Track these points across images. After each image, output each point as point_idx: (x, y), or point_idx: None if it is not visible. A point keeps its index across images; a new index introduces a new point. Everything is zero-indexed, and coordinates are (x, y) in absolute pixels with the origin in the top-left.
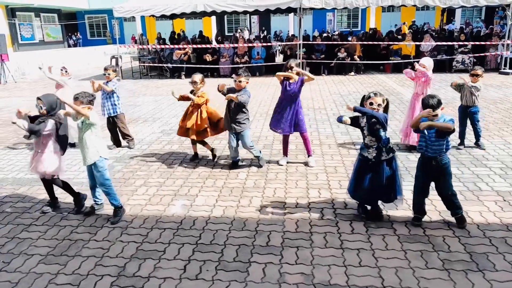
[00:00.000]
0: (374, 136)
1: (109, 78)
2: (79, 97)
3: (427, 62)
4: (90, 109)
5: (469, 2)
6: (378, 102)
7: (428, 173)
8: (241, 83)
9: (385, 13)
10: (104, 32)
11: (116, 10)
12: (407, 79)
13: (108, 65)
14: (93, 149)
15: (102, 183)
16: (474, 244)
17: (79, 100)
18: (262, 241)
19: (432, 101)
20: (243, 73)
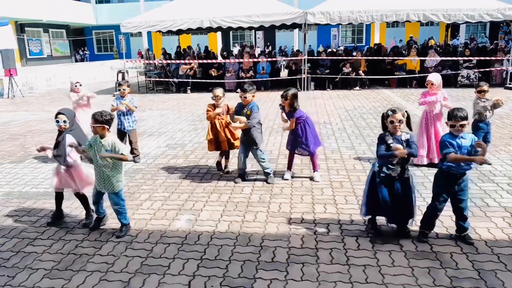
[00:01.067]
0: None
1: (124, 93)
2: (95, 115)
3: (435, 78)
4: (106, 130)
5: (474, 18)
6: (398, 119)
7: (453, 189)
8: (246, 98)
9: (389, 29)
10: (111, 47)
11: (123, 26)
12: (412, 93)
13: (122, 81)
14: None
15: (117, 203)
16: (482, 261)
17: (95, 118)
18: (267, 257)
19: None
20: (248, 88)
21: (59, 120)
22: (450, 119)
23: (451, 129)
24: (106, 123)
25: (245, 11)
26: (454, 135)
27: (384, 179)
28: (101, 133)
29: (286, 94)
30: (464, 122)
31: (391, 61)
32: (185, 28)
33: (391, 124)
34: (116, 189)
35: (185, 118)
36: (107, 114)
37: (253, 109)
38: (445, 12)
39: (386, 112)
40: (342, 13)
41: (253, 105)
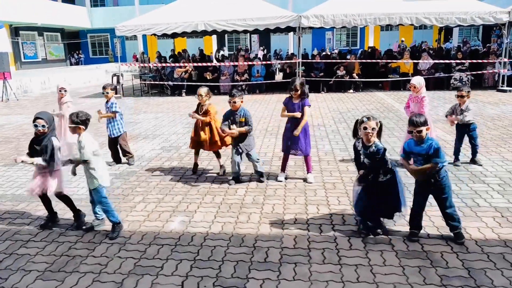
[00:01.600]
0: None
1: (108, 97)
2: (72, 116)
3: (416, 80)
4: (81, 130)
5: (466, 21)
6: (372, 126)
7: (427, 188)
8: (235, 103)
9: (383, 32)
10: (106, 51)
11: (118, 29)
12: (406, 96)
13: (106, 84)
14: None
15: (100, 201)
16: (472, 260)
17: (71, 118)
18: (260, 257)
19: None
20: (236, 93)
21: (38, 125)
22: (409, 125)
23: (409, 134)
24: (82, 123)
25: (240, 15)
26: (414, 141)
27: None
28: (77, 133)
29: (295, 85)
30: (421, 128)
31: (384, 64)
32: (180, 32)
33: (364, 130)
34: (93, 186)
35: (180, 121)
36: (83, 115)
37: (247, 115)
38: (437, 16)
39: (361, 118)
40: (336, 16)
41: (245, 111)
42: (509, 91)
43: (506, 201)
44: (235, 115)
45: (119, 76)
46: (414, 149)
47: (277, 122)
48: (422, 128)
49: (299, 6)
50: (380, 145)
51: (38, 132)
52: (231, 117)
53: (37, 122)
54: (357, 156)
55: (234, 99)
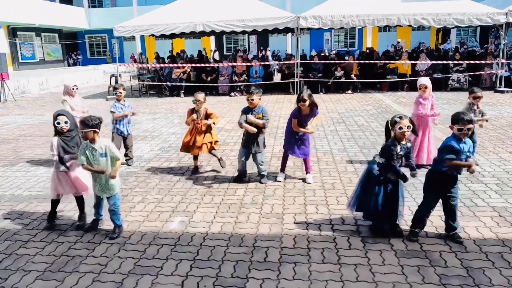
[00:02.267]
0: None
1: (121, 97)
2: (85, 121)
3: (428, 81)
4: (96, 133)
5: (463, 22)
6: (407, 125)
7: (448, 188)
8: (253, 100)
9: (381, 33)
10: (104, 52)
11: (116, 30)
12: (403, 96)
13: (117, 84)
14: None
15: (114, 203)
16: (471, 259)
17: (84, 123)
18: (260, 257)
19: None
20: (255, 91)
21: (60, 122)
22: (456, 123)
23: (458, 132)
24: (96, 127)
25: (238, 15)
26: (459, 139)
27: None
28: (92, 137)
29: (303, 96)
30: (471, 126)
31: (382, 65)
32: (178, 32)
33: (400, 130)
34: (113, 192)
35: (178, 122)
36: (96, 118)
37: (264, 111)
38: (435, 17)
39: (393, 119)
40: (334, 17)
41: (263, 109)
42: (506, 92)
43: (504, 201)
44: (252, 111)
45: (117, 77)
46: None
47: (276, 123)
48: (471, 126)
49: (297, 7)
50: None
51: (62, 129)
52: (249, 113)
53: (59, 119)
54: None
55: (252, 96)
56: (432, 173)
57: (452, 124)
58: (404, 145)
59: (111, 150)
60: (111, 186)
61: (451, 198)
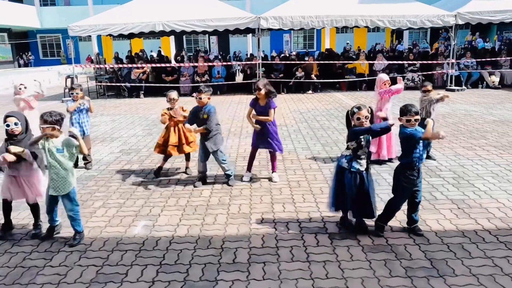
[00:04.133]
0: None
1: (77, 97)
2: (44, 116)
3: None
4: (57, 130)
5: (416, 24)
6: (364, 115)
7: (417, 182)
8: (201, 99)
9: (339, 34)
10: (58, 52)
11: (71, 29)
12: (362, 96)
13: (74, 84)
14: (71, 178)
15: (72, 209)
16: (434, 250)
17: (44, 118)
18: (229, 258)
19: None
20: (204, 89)
21: (10, 124)
22: (404, 114)
23: (407, 123)
24: (56, 123)
25: (199, 15)
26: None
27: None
28: (51, 133)
29: (258, 85)
30: (418, 117)
31: (341, 65)
32: (137, 32)
33: (358, 120)
34: (69, 188)
35: (139, 123)
36: (57, 114)
37: (210, 112)
38: (390, 19)
39: (351, 109)
40: (294, 18)
41: (210, 108)
42: (457, 90)
43: (461, 194)
44: (200, 111)
45: (74, 78)
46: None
47: (240, 123)
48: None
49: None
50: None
51: (12, 131)
52: (196, 112)
53: (8, 120)
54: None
55: (200, 94)
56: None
57: (400, 116)
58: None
59: (68, 142)
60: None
61: (416, 192)
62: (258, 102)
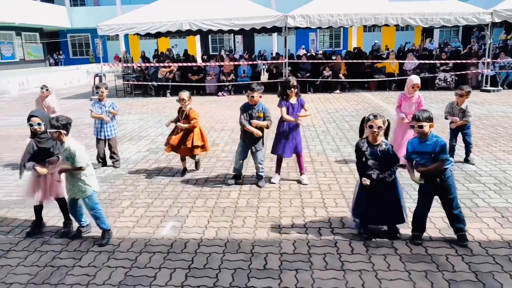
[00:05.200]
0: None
1: (103, 96)
2: (51, 121)
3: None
4: (63, 135)
5: (450, 22)
6: (378, 125)
7: (433, 189)
8: (254, 98)
9: (366, 33)
10: (87, 51)
11: (100, 28)
12: (392, 96)
13: (100, 83)
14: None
15: (93, 208)
16: (478, 262)
17: (51, 123)
18: (259, 264)
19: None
20: (256, 87)
21: (33, 123)
22: (412, 120)
23: (413, 130)
24: (63, 128)
25: (226, 14)
26: (418, 139)
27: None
28: (58, 138)
29: (293, 83)
30: (421, 124)
31: (370, 64)
32: (164, 31)
33: (370, 128)
34: (86, 194)
35: (165, 122)
36: (63, 119)
37: (266, 110)
38: (422, 16)
39: (368, 116)
40: (322, 16)
41: (263, 107)
42: (492, 91)
43: (505, 201)
44: (253, 109)
45: (102, 77)
46: (418, 148)
47: None
48: (424, 124)
49: (282, 6)
50: (388, 142)
51: (35, 130)
52: (249, 111)
53: (32, 120)
54: (360, 156)
55: (253, 93)
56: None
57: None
58: (376, 147)
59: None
60: (82, 188)
61: (444, 199)
62: (289, 100)
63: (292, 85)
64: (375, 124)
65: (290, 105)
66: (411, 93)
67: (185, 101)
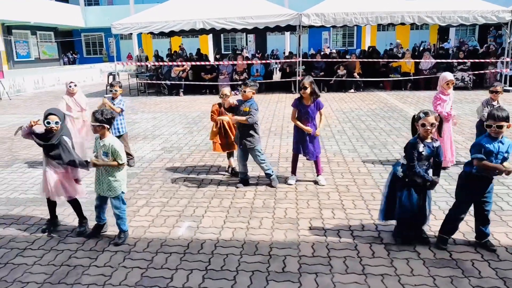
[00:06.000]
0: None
1: (116, 94)
2: (96, 114)
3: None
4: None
5: (468, 20)
6: (431, 122)
7: (481, 192)
8: (245, 93)
9: (380, 32)
10: (100, 50)
11: (114, 27)
12: (408, 95)
13: (114, 81)
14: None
15: (119, 207)
16: (506, 268)
17: (95, 116)
18: (278, 266)
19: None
20: (249, 83)
21: (51, 122)
22: (487, 119)
23: (488, 129)
24: (107, 122)
25: (239, 13)
26: (492, 138)
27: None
28: (101, 133)
29: (304, 83)
30: (503, 123)
31: (385, 63)
32: (177, 30)
33: (423, 127)
34: (116, 193)
35: (179, 121)
36: (108, 113)
37: (252, 106)
38: (439, 15)
39: (418, 114)
40: (337, 15)
41: (253, 102)
42: (511, 90)
43: None
44: (244, 104)
45: (115, 75)
46: (495, 147)
47: (280, 122)
48: (504, 123)
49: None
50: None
51: (51, 129)
52: (241, 105)
53: (50, 118)
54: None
55: (246, 88)
56: (463, 175)
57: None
58: (430, 143)
59: (116, 152)
60: (112, 186)
61: (485, 203)
62: (303, 102)
63: (302, 85)
64: (427, 122)
65: (302, 106)
66: (446, 91)
67: (228, 96)
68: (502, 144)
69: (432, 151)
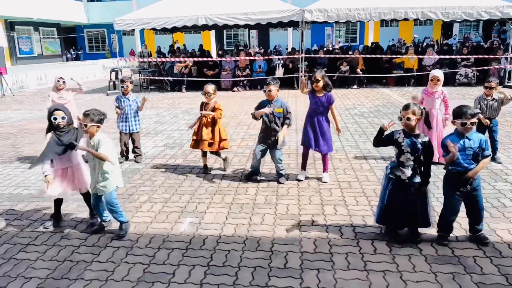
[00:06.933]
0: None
1: (127, 90)
2: (90, 115)
3: (440, 74)
4: (99, 128)
5: (472, 16)
6: (406, 116)
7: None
8: (271, 92)
9: (383, 28)
10: (103, 46)
11: (116, 23)
12: (411, 92)
13: (125, 77)
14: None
15: (110, 203)
16: (508, 265)
17: (89, 118)
18: (279, 262)
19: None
20: (272, 81)
21: (57, 117)
22: (459, 117)
23: (461, 127)
24: (100, 122)
25: (241, 9)
26: (461, 135)
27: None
28: (94, 132)
29: (316, 76)
30: (474, 120)
31: (388, 59)
32: (180, 26)
33: (400, 120)
34: (107, 190)
35: (182, 117)
36: (101, 113)
37: (286, 106)
38: (443, 10)
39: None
40: (340, 10)
41: (283, 102)
42: None
43: None
44: (270, 104)
45: (118, 72)
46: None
47: None
48: (475, 120)
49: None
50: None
51: (59, 124)
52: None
53: (56, 114)
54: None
55: (269, 87)
56: (446, 172)
57: (453, 118)
58: (415, 138)
59: (100, 144)
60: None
61: (473, 199)
62: (315, 93)
63: (315, 78)
64: (405, 114)
65: (313, 98)
66: (432, 88)
67: (210, 94)
68: (470, 140)
69: (413, 144)
